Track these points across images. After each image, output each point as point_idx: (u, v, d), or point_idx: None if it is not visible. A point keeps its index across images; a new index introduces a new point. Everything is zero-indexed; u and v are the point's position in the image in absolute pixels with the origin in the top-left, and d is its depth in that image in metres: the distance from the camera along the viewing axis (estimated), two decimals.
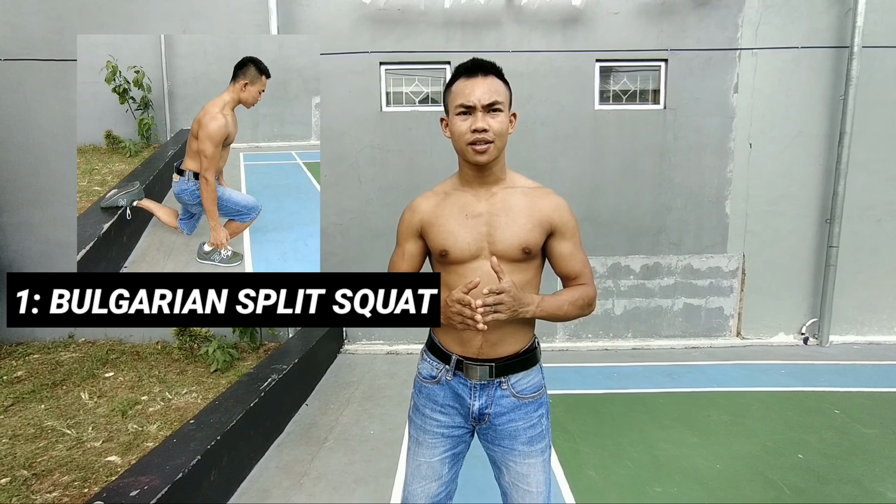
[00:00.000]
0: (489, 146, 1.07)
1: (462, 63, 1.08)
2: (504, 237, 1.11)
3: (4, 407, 2.89)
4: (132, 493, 1.66)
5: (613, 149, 4.18)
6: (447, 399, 1.19)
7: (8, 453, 2.34)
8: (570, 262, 1.17)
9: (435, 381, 1.21)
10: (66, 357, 3.86)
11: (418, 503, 1.21)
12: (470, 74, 1.07)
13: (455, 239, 1.12)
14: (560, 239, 1.16)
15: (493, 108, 1.06)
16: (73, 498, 1.99)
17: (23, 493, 2.01)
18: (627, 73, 4.21)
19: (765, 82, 4.04)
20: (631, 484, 2.19)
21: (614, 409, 2.98)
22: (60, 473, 2.18)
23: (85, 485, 2.11)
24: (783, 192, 4.19)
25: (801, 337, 4.32)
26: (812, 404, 2.99)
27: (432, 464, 1.20)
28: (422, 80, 4.16)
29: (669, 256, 4.32)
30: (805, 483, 2.17)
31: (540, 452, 1.19)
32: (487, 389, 1.16)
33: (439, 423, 1.20)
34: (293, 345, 3.47)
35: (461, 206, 1.15)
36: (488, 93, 1.05)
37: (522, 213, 1.12)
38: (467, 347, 1.15)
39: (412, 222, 1.21)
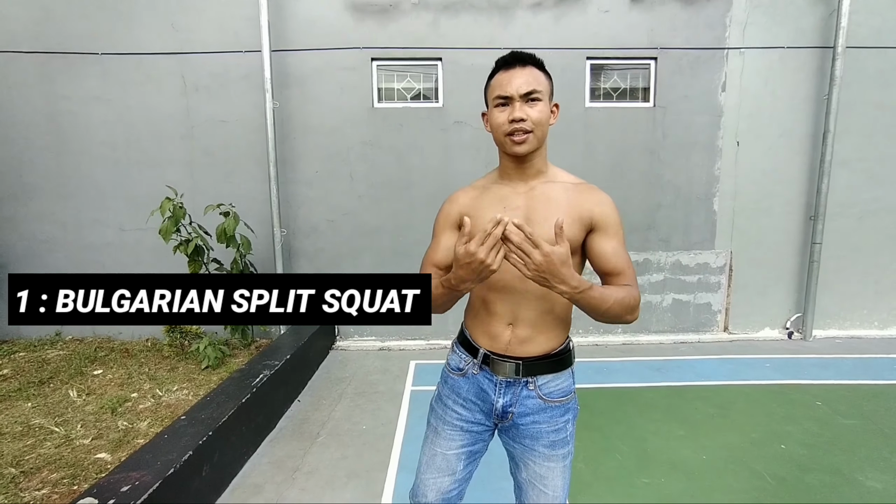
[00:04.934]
0: (528, 136, 1.04)
1: (501, 56, 1.08)
2: (541, 231, 1.02)
3: None
4: (123, 489, 1.66)
5: (604, 146, 4.22)
6: (470, 393, 1.18)
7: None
8: (613, 259, 1.07)
9: (461, 373, 1.19)
10: (52, 355, 3.81)
11: (428, 499, 1.19)
12: (508, 66, 1.06)
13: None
14: (602, 235, 1.08)
15: (531, 97, 1.04)
16: (63, 495, 1.98)
17: (10, 490, 2.00)
18: (618, 71, 4.25)
19: (751, 81, 4.11)
20: (619, 476, 2.23)
21: (603, 403, 3.03)
22: (49, 471, 2.17)
23: (74, 482, 2.10)
24: (769, 190, 4.27)
25: (785, 331, 4.41)
26: (795, 397, 3.06)
27: (447, 456, 1.18)
28: (413, 77, 4.16)
29: (659, 253, 4.38)
30: (787, 472, 2.23)
31: (561, 458, 1.15)
32: (513, 388, 1.13)
33: (460, 416, 1.19)
34: (285, 341, 3.47)
35: (500, 198, 1.12)
36: (526, 83, 1.04)
37: (561, 208, 1.07)
38: (496, 342, 1.12)
39: (451, 213, 1.19)
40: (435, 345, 4.26)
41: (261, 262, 4.07)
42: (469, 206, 1.16)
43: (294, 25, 3.93)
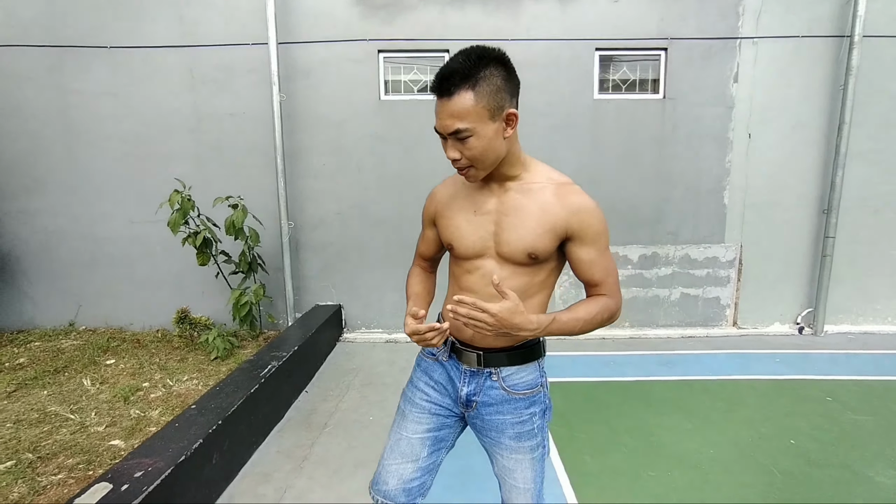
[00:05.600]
0: (469, 170, 1.00)
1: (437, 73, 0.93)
2: (510, 239, 1.03)
3: (7, 393, 2.92)
4: (136, 475, 1.69)
5: (612, 139, 4.18)
6: (442, 378, 1.20)
7: (12, 437, 2.37)
8: (589, 269, 1.05)
9: (434, 357, 1.22)
10: (66, 344, 3.89)
11: (388, 485, 1.16)
12: (436, 94, 0.94)
13: (461, 234, 1.10)
14: (578, 245, 1.04)
15: (458, 136, 0.93)
16: (78, 480, 2.02)
17: (28, 475, 2.05)
18: (627, 63, 4.19)
19: (765, 72, 4.02)
20: (626, 468, 2.23)
21: (610, 396, 3.02)
22: (65, 456, 2.22)
23: (89, 467, 2.15)
24: (781, 183, 4.20)
25: (796, 326, 4.36)
26: (805, 392, 3.03)
27: (412, 440, 1.17)
28: (420, 69, 4.14)
29: (667, 246, 4.34)
30: (796, 467, 2.22)
31: (529, 450, 1.14)
32: (477, 377, 1.14)
33: (428, 398, 1.20)
34: (292, 333, 3.50)
35: (472, 200, 1.10)
36: (449, 123, 0.92)
37: (533, 216, 1.02)
38: (461, 332, 1.13)
39: (429, 210, 1.23)
40: None
41: (268, 255, 4.10)
42: (444, 204, 1.17)
43: (300, 17, 3.92)
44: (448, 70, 0.91)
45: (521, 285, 1.06)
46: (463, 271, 1.13)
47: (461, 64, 0.90)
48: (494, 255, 1.07)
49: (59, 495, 1.92)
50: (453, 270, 1.18)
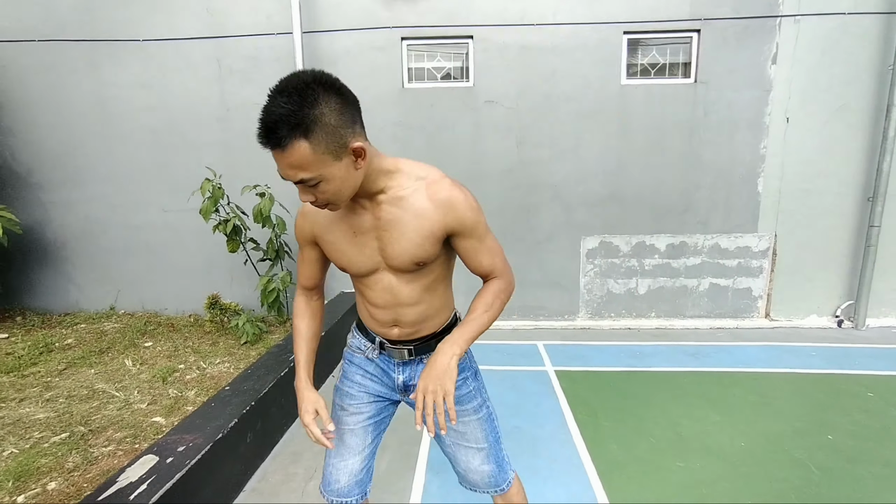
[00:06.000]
0: (329, 206, 0.95)
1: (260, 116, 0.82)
2: (396, 253, 1.04)
3: (59, 370, 3.09)
4: (179, 449, 1.78)
5: (640, 125, 4.06)
6: (375, 370, 1.24)
7: (65, 411, 2.53)
8: (476, 257, 1.08)
9: (363, 353, 1.24)
10: (108, 327, 4.09)
11: (340, 483, 1.21)
12: (263, 144, 0.84)
13: (349, 258, 1.09)
14: (460, 238, 1.05)
15: (306, 184, 0.88)
16: (126, 452, 2.14)
17: (81, 446, 2.18)
18: (657, 46, 4.04)
19: (807, 52, 3.82)
20: (653, 458, 2.21)
21: (636, 386, 2.99)
22: (113, 430, 2.35)
23: (135, 441, 2.27)
24: (821, 169, 4.00)
25: (834, 319, 4.19)
26: (844, 387, 2.92)
27: (356, 431, 1.21)
28: (444, 56, 4.10)
29: (696, 236, 4.21)
30: (833, 463, 2.15)
31: (473, 411, 1.19)
32: (410, 365, 1.20)
33: (366, 389, 1.23)
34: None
35: (348, 222, 1.05)
36: (291, 171, 0.85)
37: (411, 227, 1.00)
38: (387, 336, 1.18)
39: (305, 229, 1.13)
40: None
41: (295, 243, 4.18)
42: (323, 227, 1.09)
43: (325, 6, 3.93)
44: (272, 118, 0.80)
45: (422, 287, 1.11)
46: (364, 287, 1.15)
47: (286, 108, 0.79)
48: (387, 268, 1.08)
49: (110, 465, 2.04)
50: (355, 283, 1.19)
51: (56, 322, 4.20)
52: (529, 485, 1.99)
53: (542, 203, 4.17)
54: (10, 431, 2.33)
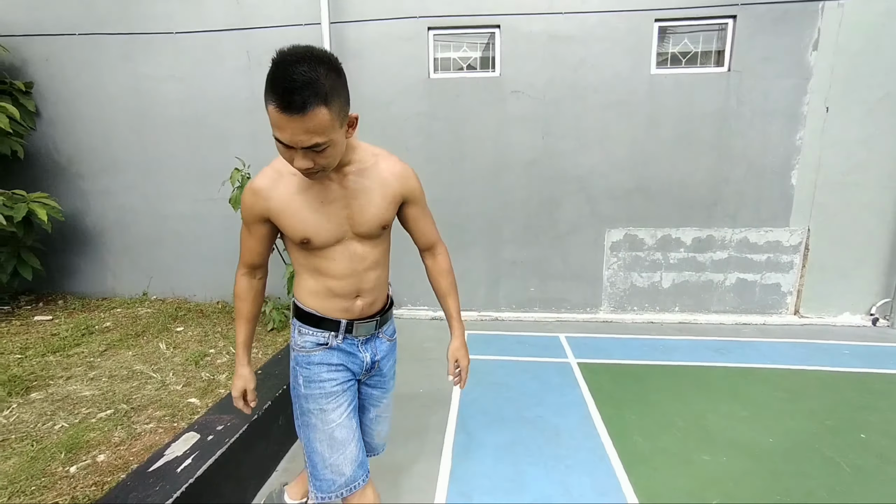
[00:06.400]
0: (319, 173, 1.01)
1: (278, 88, 0.85)
2: (366, 219, 1.15)
3: (100, 351, 3.26)
4: (218, 428, 1.87)
5: (669, 116, 3.97)
6: (341, 359, 1.25)
7: (108, 390, 2.67)
8: (421, 223, 1.30)
9: (325, 346, 1.24)
10: (142, 312, 4.26)
11: (346, 474, 1.20)
12: (282, 110, 0.87)
13: (316, 228, 1.11)
14: (412, 206, 1.25)
15: (315, 149, 0.93)
16: (167, 430, 2.25)
17: (125, 422, 2.30)
18: (689, 34, 3.93)
19: (850, 38, 3.65)
20: (678, 451, 2.20)
21: (660, 379, 2.97)
22: (153, 409, 2.47)
23: (174, 420, 2.38)
24: (861, 161, 3.85)
25: (869, 318, 4.05)
26: (878, 386, 2.85)
27: (343, 423, 1.22)
28: (470, 46, 4.07)
29: (724, 229, 4.12)
30: (866, 462, 2.11)
31: (394, 385, 1.46)
32: (371, 341, 1.30)
33: (337, 381, 1.24)
34: None
35: (314, 193, 1.10)
36: (305, 136, 0.90)
37: (377, 193, 1.15)
38: (351, 312, 1.24)
39: (255, 208, 1.12)
40: (486, 316, 4.32)
41: None
42: (280, 200, 1.10)
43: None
44: (296, 83, 0.84)
45: (378, 254, 1.24)
46: (324, 260, 1.17)
47: (308, 76, 0.84)
48: (353, 236, 1.17)
49: (152, 441, 2.15)
50: (310, 262, 1.18)
51: (94, 306, 4.40)
52: (554, 473, 2.03)
53: (566, 195, 4.14)
54: (59, 407, 2.47)
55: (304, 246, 1.15)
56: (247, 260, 1.23)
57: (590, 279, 4.26)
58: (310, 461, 1.24)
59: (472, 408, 2.63)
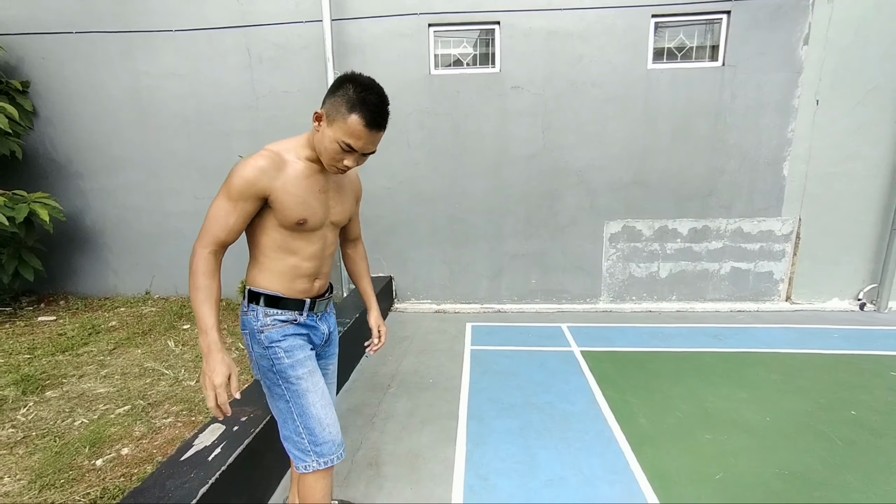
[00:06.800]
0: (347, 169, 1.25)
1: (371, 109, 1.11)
2: (341, 211, 1.38)
3: (109, 350, 3.28)
4: (242, 419, 1.93)
5: (666, 110, 4.06)
6: (308, 331, 1.38)
7: (122, 387, 2.70)
8: (356, 221, 1.60)
9: (294, 322, 1.33)
10: (146, 311, 4.28)
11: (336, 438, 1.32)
12: (372, 127, 1.15)
13: (313, 212, 1.27)
14: (357, 204, 1.53)
15: (367, 155, 1.22)
16: (186, 423, 2.30)
17: (143, 417, 2.35)
18: (684, 28, 4.01)
19: (840, 32, 3.77)
20: (681, 431, 2.31)
21: (661, 365, 3.08)
22: (170, 404, 2.51)
23: (191, 414, 2.43)
24: (850, 152, 3.98)
25: (857, 303, 4.22)
26: (867, 366, 2.98)
27: (324, 389, 1.35)
28: (469, 42, 4.12)
29: (719, 220, 4.24)
30: (859, 437, 2.23)
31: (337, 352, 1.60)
32: (326, 315, 1.46)
33: (306, 352, 1.34)
34: (349, 302, 3.71)
35: (314, 180, 1.26)
36: (373, 146, 1.20)
37: (348, 189, 1.41)
38: (311, 291, 1.37)
39: (258, 185, 1.16)
40: (489, 308, 4.40)
41: None
42: (290, 183, 1.20)
43: None
44: (384, 108, 1.16)
45: (337, 243, 1.47)
46: (306, 243, 1.30)
47: (387, 103, 1.17)
48: (328, 224, 1.35)
49: (173, 435, 2.20)
50: (288, 243, 1.27)
51: (97, 306, 4.40)
52: (565, 454, 2.12)
53: (566, 188, 4.22)
54: (77, 404, 2.51)
55: (298, 226, 1.25)
56: (220, 237, 1.17)
57: (589, 270, 4.36)
58: (307, 431, 1.28)
59: (481, 396, 2.72)
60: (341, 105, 1.13)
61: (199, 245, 1.17)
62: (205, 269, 1.16)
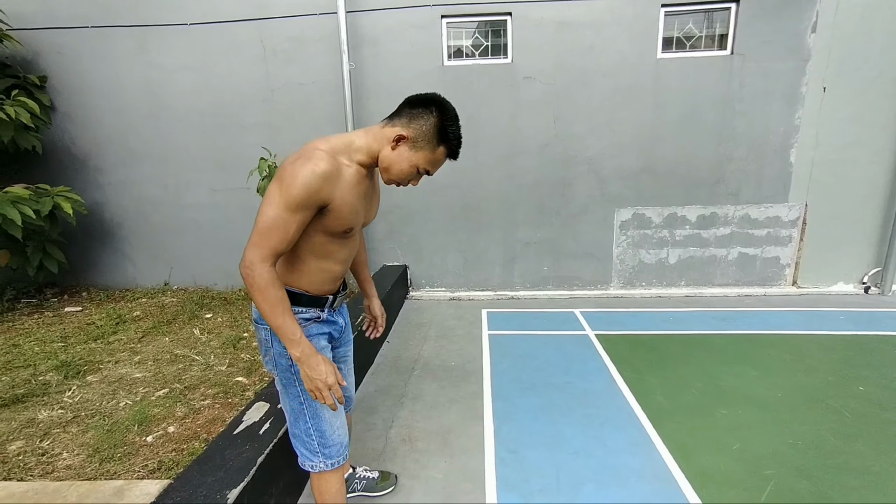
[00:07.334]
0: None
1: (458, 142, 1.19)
2: (373, 213, 1.38)
3: (138, 338, 3.38)
4: (277, 406, 2.02)
5: (675, 98, 4.13)
6: (329, 328, 1.38)
7: (157, 372, 2.81)
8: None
9: (318, 319, 1.33)
10: (167, 301, 4.37)
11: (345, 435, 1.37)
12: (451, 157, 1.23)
13: (357, 217, 1.23)
14: None
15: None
16: (223, 405, 2.41)
17: (182, 399, 2.45)
18: (693, 16, 4.06)
19: (846, 20, 3.83)
20: (698, 407, 2.42)
21: (673, 347, 3.19)
22: (205, 388, 2.62)
23: (227, 397, 2.53)
24: (855, 139, 4.06)
25: (861, 286, 4.33)
26: (872, 346, 3.10)
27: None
28: (482, 33, 4.17)
29: (727, 206, 4.33)
30: (868, 410, 2.35)
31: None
32: (340, 309, 1.46)
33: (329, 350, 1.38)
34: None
35: (363, 185, 1.23)
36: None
37: (377, 193, 1.39)
38: (336, 284, 1.37)
39: (321, 193, 1.09)
40: (502, 295, 4.51)
41: None
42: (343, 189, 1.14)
43: None
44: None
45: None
46: (341, 247, 1.28)
47: None
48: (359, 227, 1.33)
49: (213, 415, 2.31)
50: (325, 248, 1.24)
51: (119, 297, 4.49)
52: (589, 429, 2.23)
53: (577, 177, 4.31)
54: (117, 387, 2.61)
55: (343, 234, 1.21)
56: (280, 249, 1.09)
57: (600, 257, 4.46)
58: (318, 433, 1.30)
59: (503, 378, 2.83)
60: (431, 135, 1.16)
61: (258, 258, 1.07)
62: (273, 282, 1.09)
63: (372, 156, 1.20)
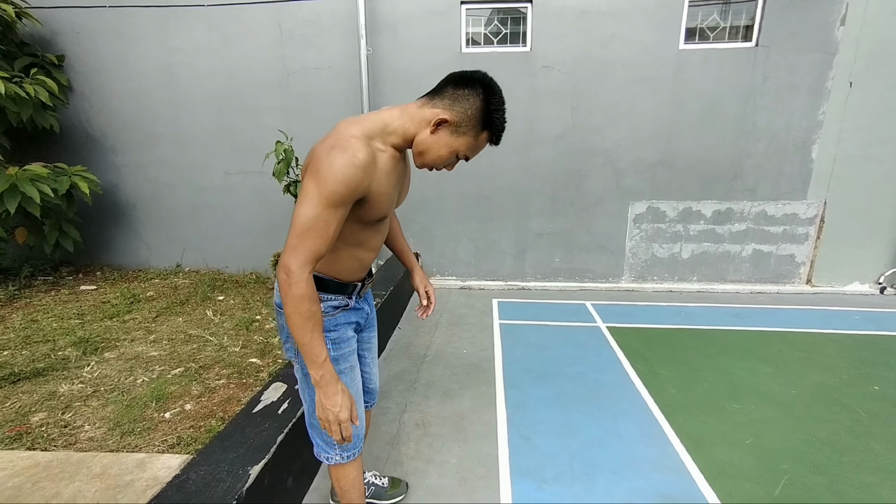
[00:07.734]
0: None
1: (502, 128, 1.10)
2: (404, 197, 1.31)
3: (152, 318, 3.42)
4: (294, 387, 2.04)
5: (695, 91, 4.05)
6: (356, 317, 1.34)
7: (172, 351, 2.84)
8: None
9: (346, 307, 1.29)
10: (180, 282, 4.41)
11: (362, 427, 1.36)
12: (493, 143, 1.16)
13: (391, 204, 1.17)
14: None
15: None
16: (237, 385, 2.44)
17: (198, 378, 2.49)
18: (718, 6, 3.97)
19: (878, 12, 3.72)
20: (711, 401, 2.42)
21: (686, 341, 3.18)
22: (219, 368, 2.65)
23: (241, 377, 2.57)
24: (881, 135, 3.97)
25: (877, 286, 4.27)
26: (888, 346, 3.07)
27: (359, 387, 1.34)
28: (501, 21, 4.10)
29: (743, 202, 4.27)
30: (882, 409, 2.33)
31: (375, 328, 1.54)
32: (367, 296, 1.43)
33: (354, 340, 1.32)
34: (380, 277, 3.82)
35: (397, 171, 1.14)
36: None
37: (409, 175, 1.30)
38: (365, 272, 1.32)
39: (361, 186, 1.02)
40: (513, 285, 4.50)
41: None
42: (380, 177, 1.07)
43: None
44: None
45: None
46: (373, 234, 1.22)
47: None
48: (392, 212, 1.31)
49: (228, 395, 2.34)
50: (357, 237, 1.18)
51: (132, 277, 4.55)
52: (601, 419, 2.24)
53: (593, 168, 4.26)
54: (135, 364, 2.65)
55: (377, 222, 1.17)
56: (321, 251, 1.00)
57: (613, 250, 4.43)
58: None
59: (516, 367, 2.84)
60: (475, 119, 1.06)
61: (297, 265, 0.97)
62: (311, 294, 0.99)
63: (407, 139, 1.10)
